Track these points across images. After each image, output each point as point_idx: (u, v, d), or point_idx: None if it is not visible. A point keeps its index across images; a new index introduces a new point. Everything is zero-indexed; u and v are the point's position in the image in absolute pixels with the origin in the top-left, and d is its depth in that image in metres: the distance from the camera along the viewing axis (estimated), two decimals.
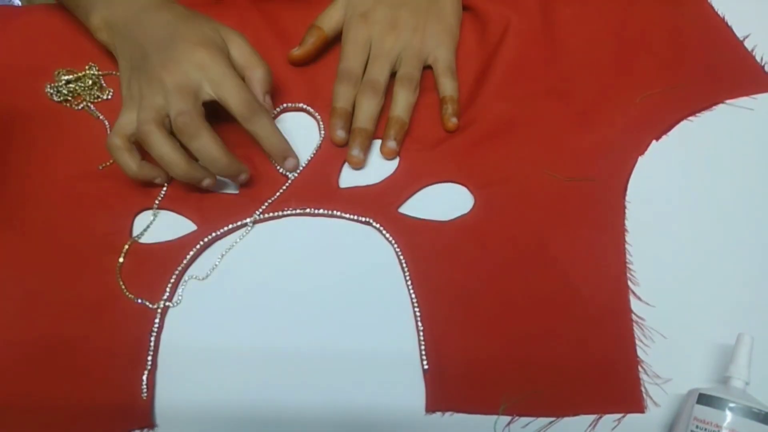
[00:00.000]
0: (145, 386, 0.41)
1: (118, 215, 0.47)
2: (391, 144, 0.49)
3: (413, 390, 0.41)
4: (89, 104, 0.52)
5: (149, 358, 0.42)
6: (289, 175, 0.49)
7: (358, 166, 0.49)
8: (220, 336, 0.43)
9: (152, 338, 0.42)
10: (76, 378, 0.41)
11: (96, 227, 0.47)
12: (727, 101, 0.50)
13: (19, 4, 0.60)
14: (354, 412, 0.41)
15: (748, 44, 0.52)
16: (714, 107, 0.50)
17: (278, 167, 0.49)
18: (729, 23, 0.53)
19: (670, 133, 0.48)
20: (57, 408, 0.41)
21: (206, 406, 0.41)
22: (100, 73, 0.53)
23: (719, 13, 0.53)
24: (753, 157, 0.47)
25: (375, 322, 0.44)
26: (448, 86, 0.51)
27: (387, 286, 0.45)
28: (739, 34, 0.52)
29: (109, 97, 0.52)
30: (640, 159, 0.47)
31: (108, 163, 0.49)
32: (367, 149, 0.49)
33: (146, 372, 0.41)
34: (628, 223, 0.45)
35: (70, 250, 0.46)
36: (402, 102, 0.49)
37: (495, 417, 0.40)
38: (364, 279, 0.45)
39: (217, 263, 0.46)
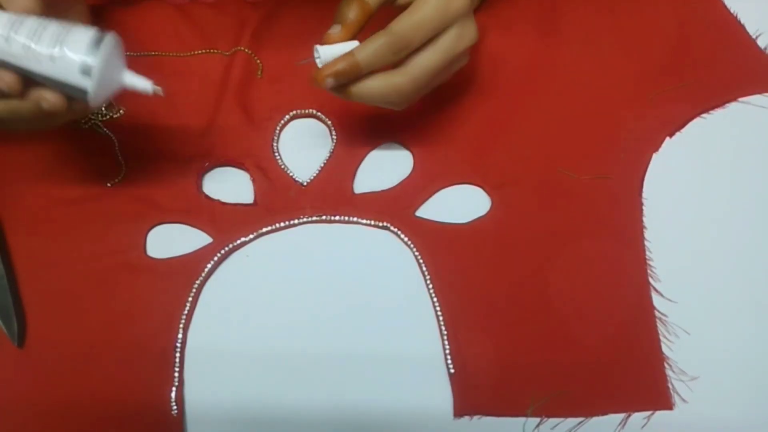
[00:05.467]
0: (174, 403, 0.41)
1: (131, 231, 0.47)
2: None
3: (440, 394, 0.42)
4: (97, 122, 0.51)
5: (176, 374, 0.41)
6: (303, 182, 0.48)
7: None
8: (242, 345, 0.43)
9: (177, 353, 0.42)
10: (102, 396, 0.41)
11: (110, 245, 0.46)
12: (740, 99, 0.50)
13: None
14: (381, 418, 0.41)
15: (761, 43, 0.52)
16: (727, 105, 0.50)
17: (291, 174, 0.49)
18: (741, 22, 0.53)
19: (683, 130, 0.48)
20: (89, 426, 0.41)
21: (231, 413, 0.41)
22: None
23: (731, 11, 0.53)
24: (766, 153, 0.48)
25: (398, 328, 0.44)
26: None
27: (407, 291, 0.45)
28: (752, 33, 0.52)
29: (119, 114, 0.51)
30: (655, 156, 0.48)
31: (117, 180, 0.48)
32: (336, 81, 0.40)
33: (174, 389, 0.41)
34: (646, 220, 0.46)
35: (85, 270, 0.45)
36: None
37: (524, 419, 0.41)
38: (384, 284, 0.45)
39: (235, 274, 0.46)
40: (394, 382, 0.42)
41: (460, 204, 0.47)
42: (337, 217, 0.47)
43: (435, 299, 0.44)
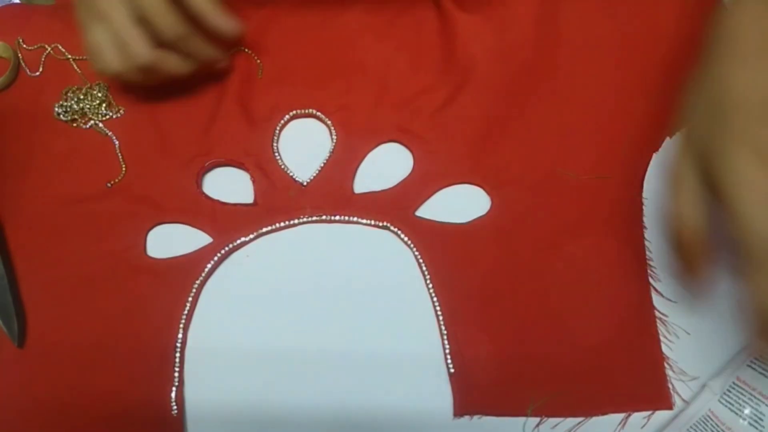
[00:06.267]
0: (174, 403, 0.41)
1: (131, 231, 0.47)
2: None
3: (440, 394, 0.42)
4: (98, 122, 0.51)
5: (176, 374, 0.42)
6: (303, 182, 0.48)
7: None
8: (242, 344, 0.43)
9: (177, 353, 0.42)
10: (103, 396, 0.42)
11: (110, 245, 0.46)
12: None
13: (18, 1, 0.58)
14: (381, 418, 0.41)
15: None
16: None
17: (291, 174, 0.49)
18: None
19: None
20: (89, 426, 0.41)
21: (232, 413, 0.42)
22: (108, 91, 0.52)
23: None
24: None
25: (398, 327, 0.44)
26: None
27: (408, 291, 0.45)
28: None
29: (119, 114, 0.52)
30: (655, 155, 0.47)
31: (117, 180, 0.48)
32: None
33: (174, 389, 0.41)
34: (646, 220, 0.46)
35: (85, 270, 0.46)
36: None
37: (523, 418, 0.41)
38: (384, 284, 0.45)
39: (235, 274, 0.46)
40: (394, 382, 0.42)
41: (460, 204, 0.47)
42: (337, 217, 0.47)
43: (435, 299, 0.44)
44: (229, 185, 0.49)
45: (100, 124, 0.51)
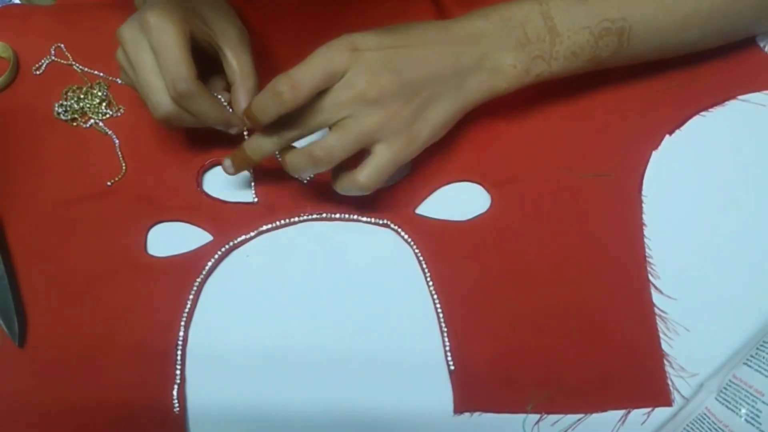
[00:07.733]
0: (176, 401, 0.41)
1: (132, 230, 0.47)
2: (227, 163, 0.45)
3: (440, 391, 0.42)
4: (98, 121, 0.51)
5: (177, 371, 0.42)
6: (304, 180, 0.48)
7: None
8: (243, 342, 0.44)
9: (178, 351, 0.42)
10: (104, 394, 0.42)
11: (110, 243, 0.46)
12: (740, 97, 0.50)
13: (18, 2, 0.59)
14: (382, 415, 0.41)
15: (761, 41, 0.52)
16: (726, 103, 0.50)
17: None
18: None
19: (683, 128, 0.48)
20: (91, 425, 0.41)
21: (233, 410, 0.42)
22: (108, 90, 0.52)
23: None
24: (765, 151, 0.48)
25: (398, 325, 0.44)
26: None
27: (408, 289, 0.45)
28: None
29: (119, 113, 0.52)
30: (654, 153, 0.48)
31: (117, 178, 0.49)
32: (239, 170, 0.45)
33: (176, 386, 0.41)
34: (645, 218, 0.46)
35: (86, 269, 0.46)
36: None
37: (523, 415, 0.41)
38: (384, 282, 0.45)
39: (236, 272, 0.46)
40: (394, 379, 0.42)
41: (460, 201, 0.47)
42: (338, 215, 0.47)
43: (435, 296, 0.44)
44: (230, 183, 0.49)
45: (101, 123, 0.51)
